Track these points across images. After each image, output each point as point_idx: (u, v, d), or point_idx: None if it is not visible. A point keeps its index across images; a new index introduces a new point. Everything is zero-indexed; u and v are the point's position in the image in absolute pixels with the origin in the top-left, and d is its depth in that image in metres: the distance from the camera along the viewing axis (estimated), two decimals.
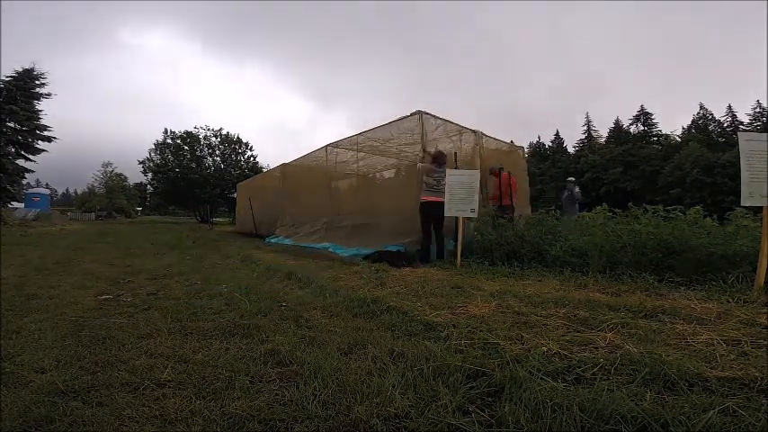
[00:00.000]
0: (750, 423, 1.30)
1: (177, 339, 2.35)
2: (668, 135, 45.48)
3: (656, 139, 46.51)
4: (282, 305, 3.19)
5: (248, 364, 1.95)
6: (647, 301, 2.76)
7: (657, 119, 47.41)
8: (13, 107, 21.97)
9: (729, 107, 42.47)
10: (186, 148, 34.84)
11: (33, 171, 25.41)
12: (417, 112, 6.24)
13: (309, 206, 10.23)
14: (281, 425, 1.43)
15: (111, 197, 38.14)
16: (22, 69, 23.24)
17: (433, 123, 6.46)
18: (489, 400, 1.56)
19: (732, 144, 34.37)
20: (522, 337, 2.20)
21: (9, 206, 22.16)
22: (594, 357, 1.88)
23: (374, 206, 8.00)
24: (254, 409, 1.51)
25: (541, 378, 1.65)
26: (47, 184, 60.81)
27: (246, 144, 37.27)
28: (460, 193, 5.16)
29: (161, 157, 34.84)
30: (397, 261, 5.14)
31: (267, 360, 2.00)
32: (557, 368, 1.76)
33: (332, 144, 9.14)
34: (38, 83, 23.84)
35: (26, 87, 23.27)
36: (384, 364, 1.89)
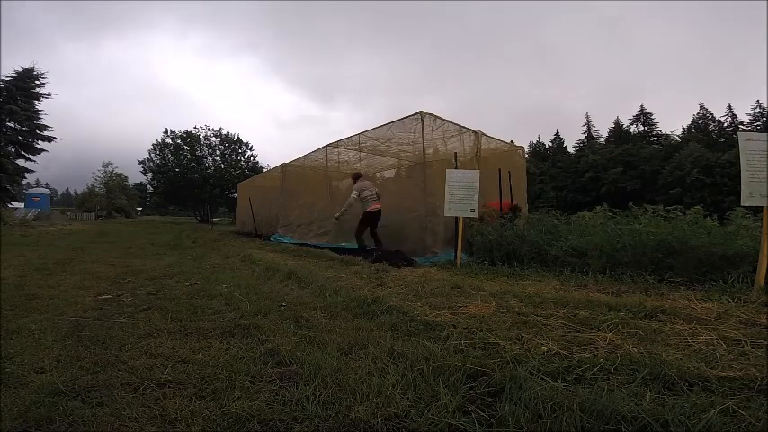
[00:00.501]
0: (750, 423, 1.30)
1: (177, 339, 2.35)
2: (668, 135, 45.57)
3: (656, 139, 46.57)
4: (282, 305, 3.19)
5: (248, 364, 1.95)
6: (647, 301, 2.76)
7: (657, 119, 47.59)
8: (13, 107, 22.00)
9: (729, 107, 42.63)
10: (186, 148, 34.88)
11: (33, 171, 25.51)
12: (419, 113, 6.26)
13: (310, 206, 10.23)
14: (281, 425, 1.43)
15: (111, 197, 38.06)
16: (22, 69, 23.29)
17: (433, 123, 6.48)
18: (489, 400, 1.56)
19: (732, 144, 34.40)
20: (522, 337, 2.20)
21: (9, 206, 22.15)
22: (594, 357, 1.88)
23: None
24: (254, 409, 1.51)
25: (541, 378, 1.65)
26: (47, 184, 60.84)
27: (246, 144, 37.39)
28: (460, 193, 5.15)
29: (161, 158, 34.86)
30: (397, 261, 5.14)
31: (267, 360, 2.01)
32: (557, 368, 1.76)
33: (332, 144, 9.15)
34: (38, 83, 23.89)
35: (26, 87, 23.29)
36: (384, 363, 1.89)
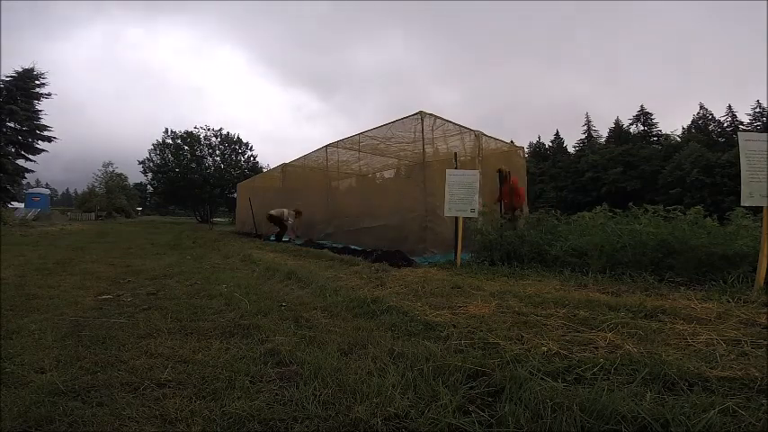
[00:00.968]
0: (750, 423, 1.30)
1: (177, 339, 2.35)
2: (668, 135, 45.54)
3: (656, 139, 46.55)
4: (282, 305, 3.19)
5: (248, 364, 1.95)
6: (647, 301, 2.76)
7: (657, 119, 47.57)
8: (13, 107, 21.99)
9: (729, 107, 42.59)
10: (186, 148, 34.85)
11: (33, 171, 25.49)
12: (419, 113, 6.26)
13: (310, 206, 10.25)
14: (281, 425, 1.43)
15: (112, 197, 38.05)
16: (22, 69, 23.27)
17: (433, 123, 6.48)
18: (489, 400, 1.56)
19: (732, 144, 34.38)
20: (522, 337, 2.20)
21: (9, 206, 22.15)
22: (594, 357, 1.88)
23: (374, 207, 8.04)
24: (254, 409, 1.51)
25: (541, 378, 1.65)
26: (47, 184, 60.86)
27: (246, 144, 37.37)
28: (460, 193, 5.15)
29: (161, 158, 34.84)
30: (397, 261, 5.14)
31: (267, 360, 2.00)
32: (557, 368, 1.76)
33: (332, 144, 9.15)
34: (38, 83, 23.88)
35: (26, 87, 23.28)
36: (384, 363, 1.89)
